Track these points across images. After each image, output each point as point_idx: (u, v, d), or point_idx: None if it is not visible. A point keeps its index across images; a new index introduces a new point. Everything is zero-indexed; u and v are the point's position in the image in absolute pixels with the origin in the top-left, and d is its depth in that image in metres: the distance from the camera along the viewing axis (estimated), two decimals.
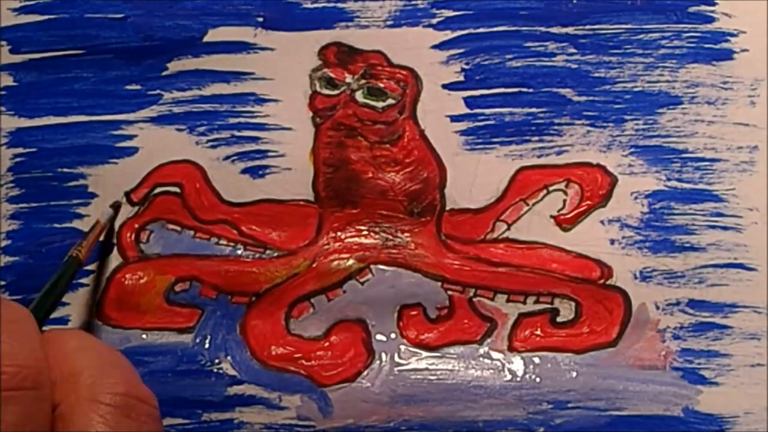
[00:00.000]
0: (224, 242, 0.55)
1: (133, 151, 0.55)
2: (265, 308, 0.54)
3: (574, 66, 0.56)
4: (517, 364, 0.54)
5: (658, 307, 0.53)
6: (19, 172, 0.55)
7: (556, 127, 0.55)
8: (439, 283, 0.54)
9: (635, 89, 0.55)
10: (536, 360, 0.54)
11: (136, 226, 0.55)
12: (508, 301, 0.54)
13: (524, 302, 0.54)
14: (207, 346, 0.54)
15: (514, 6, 0.56)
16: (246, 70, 0.56)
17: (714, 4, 0.55)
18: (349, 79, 0.56)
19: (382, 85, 0.56)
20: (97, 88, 0.56)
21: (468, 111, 0.55)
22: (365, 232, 0.55)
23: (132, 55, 0.56)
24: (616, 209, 0.54)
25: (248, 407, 0.53)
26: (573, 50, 0.56)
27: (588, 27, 0.56)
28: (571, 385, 0.53)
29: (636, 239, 0.54)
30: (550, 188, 0.55)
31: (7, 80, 0.56)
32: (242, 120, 0.56)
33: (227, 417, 0.54)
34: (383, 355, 0.54)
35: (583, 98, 0.55)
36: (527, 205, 0.55)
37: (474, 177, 0.55)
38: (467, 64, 0.56)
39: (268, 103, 0.56)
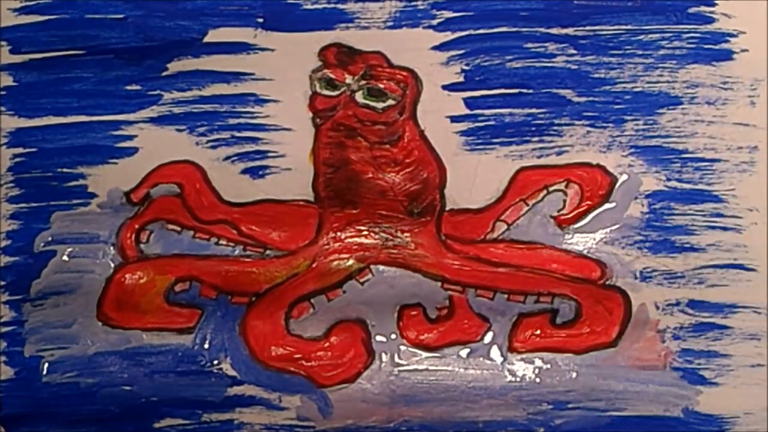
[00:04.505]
0: (224, 242, 0.55)
1: (133, 151, 0.55)
2: (265, 308, 0.54)
3: (574, 67, 0.56)
4: (517, 364, 0.54)
5: (658, 308, 0.54)
6: (19, 172, 0.55)
7: (556, 128, 0.55)
8: (439, 283, 0.54)
9: (635, 90, 0.55)
10: (536, 360, 0.54)
11: (136, 226, 0.55)
12: (508, 301, 0.54)
13: (524, 302, 0.54)
14: (207, 346, 0.54)
15: (514, 7, 0.56)
16: (246, 70, 0.56)
17: (714, 5, 0.55)
18: (349, 79, 0.56)
19: (382, 86, 0.56)
20: (97, 88, 0.56)
21: (468, 111, 0.55)
22: (365, 232, 0.55)
23: (132, 55, 0.56)
24: (616, 209, 0.54)
25: (248, 408, 0.54)
26: (573, 51, 0.56)
27: (588, 28, 0.56)
28: (571, 386, 0.53)
29: (636, 239, 0.54)
30: (550, 188, 0.55)
31: (7, 80, 0.56)
32: (242, 120, 0.56)
33: (227, 417, 0.54)
34: (383, 355, 0.54)
35: (583, 99, 0.55)
36: (527, 205, 0.55)
37: (474, 177, 0.55)
38: (467, 65, 0.56)
39: (268, 103, 0.56)
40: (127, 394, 0.54)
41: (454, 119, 0.55)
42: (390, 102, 0.55)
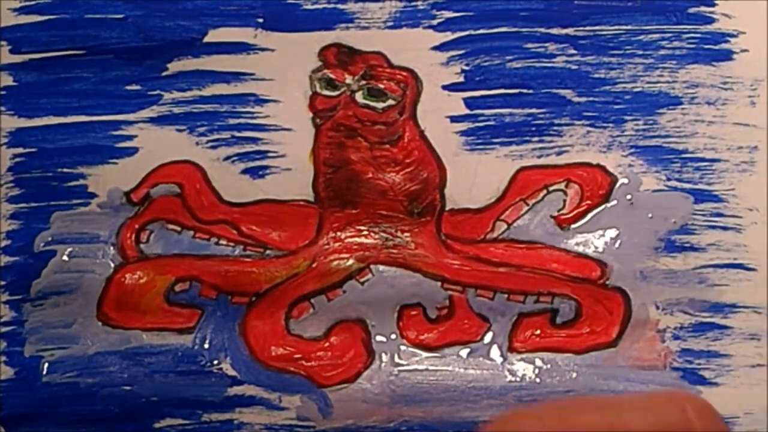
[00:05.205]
0: (224, 242, 0.55)
1: (133, 151, 0.55)
2: (265, 308, 0.54)
3: (574, 67, 0.56)
4: (517, 364, 0.54)
5: (658, 307, 0.53)
6: (19, 172, 0.55)
7: (556, 128, 0.55)
8: (439, 283, 0.54)
9: (635, 90, 0.55)
10: (536, 360, 0.54)
11: (136, 226, 0.55)
12: (508, 301, 0.54)
13: (524, 302, 0.54)
14: (207, 346, 0.54)
15: (514, 7, 0.56)
16: (246, 70, 0.56)
17: (714, 5, 0.55)
18: (349, 80, 0.56)
19: (382, 86, 0.56)
20: (97, 88, 0.56)
21: (468, 112, 0.55)
22: (365, 232, 0.55)
23: (132, 55, 0.56)
24: (617, 209, 0.54)
25: (248, 408, 0.53)
26: (573, 51, 0.56)
27: (588, 28, 0.56)
28: (571, 386, 0.53)
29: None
30: (550, 188, 0.55)
31: (7, 80, 0.56)
32: (242, 120, 0.56)
33: (227, 417, 0.54)
34: (383, 355, 0.54)
35: (583, 99, 0.55)
36: (527, 205, 0.55)
37: (474, 177, 0.55)
38: (467, 65, 0.56)
39: (268, 103, 0.56)
40: (127, 394, 0.54)
41: (454, 119, 0.55)
42: (390, 102, 0.56)
